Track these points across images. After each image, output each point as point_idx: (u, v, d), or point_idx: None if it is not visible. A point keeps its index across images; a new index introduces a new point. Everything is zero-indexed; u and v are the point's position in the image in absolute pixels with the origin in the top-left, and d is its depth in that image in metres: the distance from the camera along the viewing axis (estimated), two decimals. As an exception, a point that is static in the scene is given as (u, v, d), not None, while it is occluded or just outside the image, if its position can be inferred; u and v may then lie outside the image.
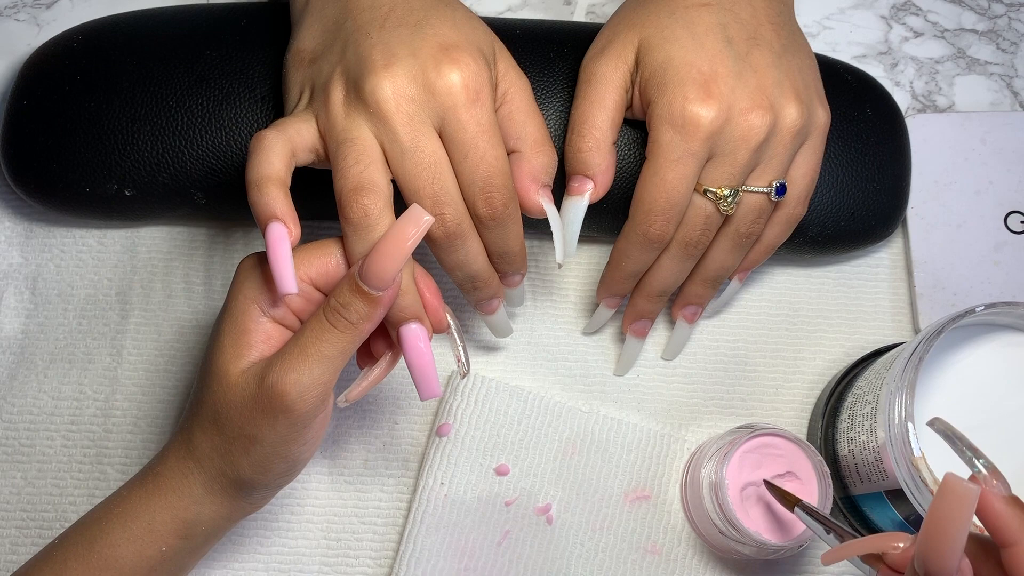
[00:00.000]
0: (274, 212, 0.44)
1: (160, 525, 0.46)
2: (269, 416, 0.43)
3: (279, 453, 0.45)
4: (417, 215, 0.42)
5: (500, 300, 0.54)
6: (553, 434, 0.58)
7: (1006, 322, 0.53)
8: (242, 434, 0.44)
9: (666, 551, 0.57)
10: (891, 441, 0.49)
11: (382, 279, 0.43)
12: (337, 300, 0.43)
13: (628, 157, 0.55)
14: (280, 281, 0.43)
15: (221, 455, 0.45)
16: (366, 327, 0.44)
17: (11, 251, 0.61)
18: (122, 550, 0.46)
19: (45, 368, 0.59)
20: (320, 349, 0.43)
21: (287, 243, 0.43)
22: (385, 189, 0.45)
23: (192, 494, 0.46)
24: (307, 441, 0.45)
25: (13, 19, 0.66)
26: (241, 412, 0.44)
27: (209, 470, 0.46)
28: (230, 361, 0.44)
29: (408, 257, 0.43)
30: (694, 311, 0.58)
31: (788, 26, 0.52)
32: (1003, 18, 0.69)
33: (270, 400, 0.43)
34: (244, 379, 0.44)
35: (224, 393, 0.44)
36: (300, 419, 0.44)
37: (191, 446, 0.46)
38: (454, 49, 0.46)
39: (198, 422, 0.46)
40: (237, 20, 0.58)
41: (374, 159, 0.45)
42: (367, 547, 0.57)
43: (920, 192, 0.63)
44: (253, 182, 0.44)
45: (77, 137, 0.56)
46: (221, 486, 0.46)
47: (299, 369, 0.43)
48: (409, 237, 0.42)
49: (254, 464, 0.45)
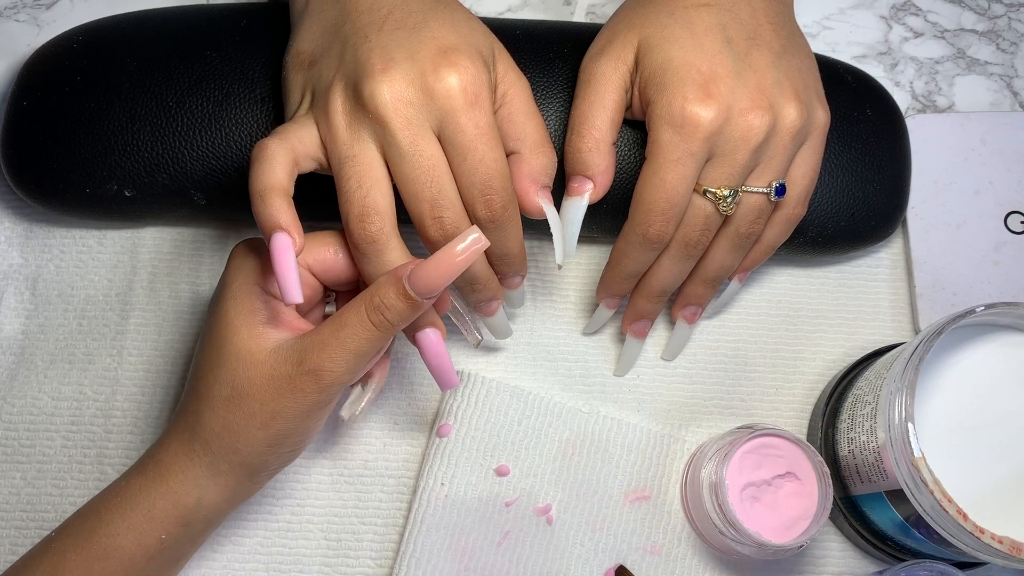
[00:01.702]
0: (278, 223, 0.45)
1: (160, 512, 0.47)
2: (300, 394, 0.46)
3: (297, 428, 0.47)
4: (477, 237, 0.44)
5: (500, 302, 0.54)
6: (553, 434, 0.58)
7: (1006, 322, 0.53)
8: (264, 410, 0.46)
9: (666, 551, 0.57)
10: (891, 441, 0.49)
11: (431, 289, 0.45)
12: (382, 300, 0.45)
13: (628, 157, 0.55)
14: (286, 291, 0.44)
15: (233, 432, 0.46)
16: (399, 328, 0.46)
17: (11, 251, 0.61)
18: (121, 539, 0.46)
19: (45, 368, 0.59)
20: (359, 345, 0.45)
21: (292, 253, 0.45)
22: (388, 210, 0.46)
23: (195, 477, 0.47)
24: (322, 419, 0.48)
25: (13, 19, 0.66)
26: (266, 389, 0.46)
27: (217, 450, 0.47)
28: (249, 341, 0.46)
29: (458, 274, 0.45)
30: (694, 311, 0.58)
31: (788, 26, 0.52)
32: (1003, 18, 0.69)
33: (306, 383, 0.45)
34: (275, 358, 0.46)
35: (247, 371, 0.46)
36: (326, 399, 0.46)
37: (198, 428, 0.47)
38: (452, 52, 0.46)
39: (208, 404, 0.47)
40: (237, 20, 0.58)
41: (376, 178, 0.46)
42: (367, 547, 0.57)
43: (920, 192, 0.63)
44: (257, 193, 0.45)
45: (77, 137, 0.56)
46: (229, 465, 0.47)
47: (336, 359, 0.45)
48: (463, 255, 0.44)
49: (270, 438, 0.46)
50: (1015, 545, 0.47)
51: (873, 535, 0.56)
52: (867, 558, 0.58)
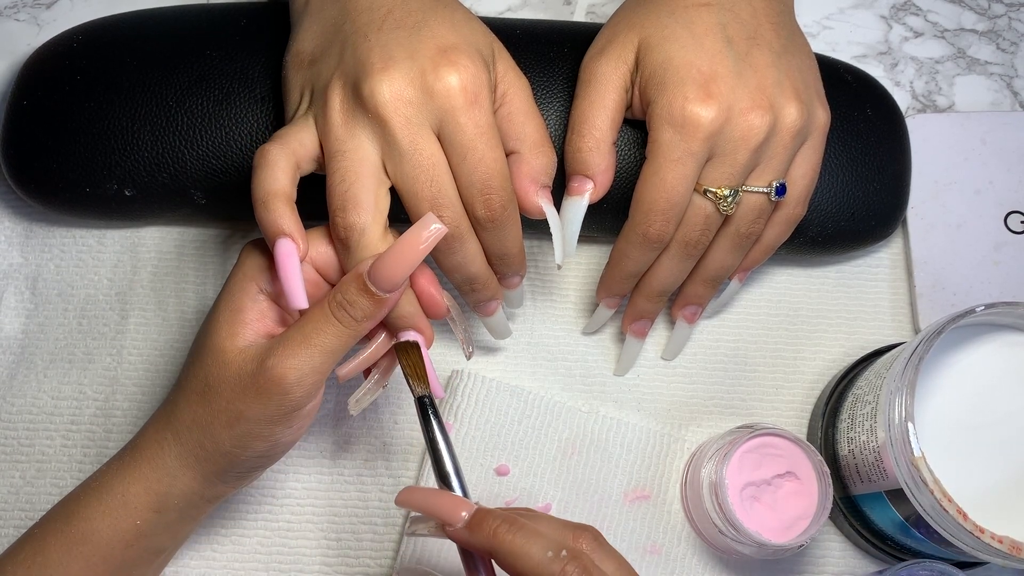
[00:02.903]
0: (282, 228, 0.45)
1: (133, 498, 0.47)
2: (262, 396, 0.44)
3: (262, 433, 0.46)
4: (429, 223, 0.44)
5: (499, 302, 0.54)
6: (553, 434, 0.58)
7: (1006, 322, 0.53)
8: (229, 408, 0.45)
9: (666, 551, 0.57)
10: (891, 441, 0.49)
11: (391, 282, 0.44)
12: (344, 296, 0.45)
13: (628, 157, 0.55)
14: (290, 296, 0.44)
15: (201, 427, 0.46)
16: (367, 325, 0.45)
17: (11, 251, 0.61)
18: (97, 523, 0.46)
19: (45, 368, 0.59)
20: (322, 341, 0.44)
21: (296, 258, 0.45)
22: (371, 205, 0.46)
23: (165, 466, 0.47)
24: (292, 426, 0.46)
25: (13, 19, 0.66)
26: (233, 388, 0.45)
27: (186, 442, 0.46)
28: (226, 338, 0.46)
29: (418, 263, 0.44)
30: (694, 311, 0.57)
31: (788, 26, 0.52)
32: (1003, 18, 0.69)
33: (267, 382, 0.44)
34: (242, 357, 0.45)
35: (218, 368, 0.45)
36: (292, 404, 0.45)
37: (172, 418, 0.47)
38: (452, 51, 0.46)
39: (184, 395, 0.47)
40: (237, 20, 0.58)
41: (361, 174, 0.46)
42: (367, 547, 0.57)
43: (920, 192, 0.63)
44: (260, 199, 0.45)
45: (77, 137, 0.56)
46: (196, 459, 0.47)
47: (299, 356, 0.44)
48: (421, 243, 0.44)
49: (235, 438, 0.46)
50: (1015, 545, 0.47)
51: (873, 535, 0.56)
52: (867, 558, 0.58)
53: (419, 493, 0.44)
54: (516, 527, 0.40)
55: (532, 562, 0.39)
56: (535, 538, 0.40)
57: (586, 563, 0.40)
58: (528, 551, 0.40)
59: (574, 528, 0.42)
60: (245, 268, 0.47)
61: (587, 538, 0.41)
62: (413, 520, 0.44)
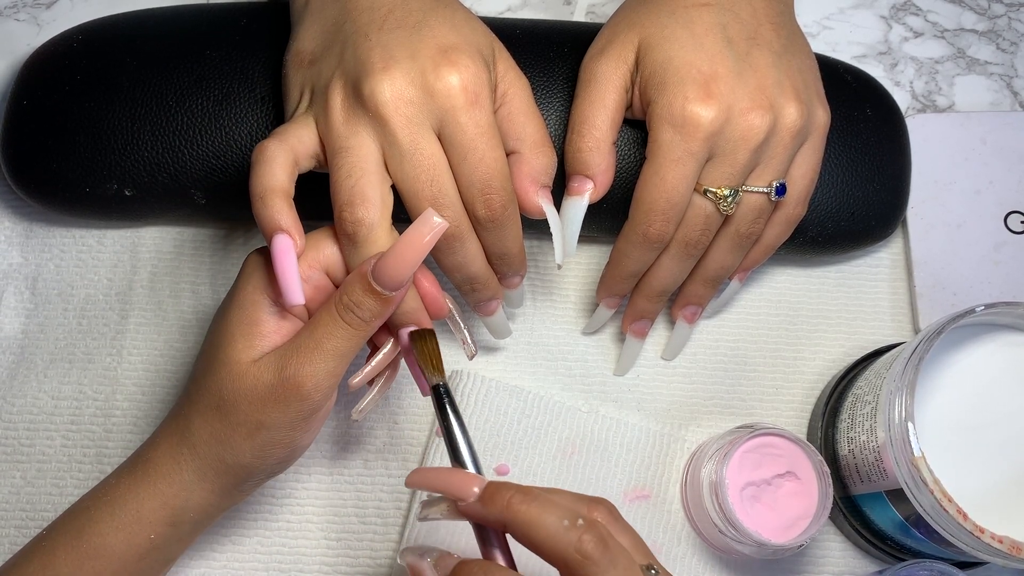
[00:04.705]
0: (279, 224, 0.45)
1: (149, 513, 0.47)
2: (281, 404, 0.45)
3: (283, 439, 0.46)
4: (430, 219, 0.44)
5: (499, 301, 0.54)
6: (553, 434, 0.58)
7: (1006, 322, 0.53)
8: (248, 420, 0.45)
9: (666, 551, 0.56)
10: (891, 441, 0.49)
11: (395, 280, 0.44)
12: (349, 298, 0.45)
13: (628, 157, 0.55)
14: (287, 293, 0.44)
15: (220, 441, 0.46)
16: (376, 324, 0.46)
17: (11, 251, 0.61)
18: (110, 539, 0.46)
19: (45, 368, 0.59)
20: (334, 345, 0.45)
21: (293, 255, 0.45)
22: (378, 200, 0.46)
23: (183, 480, 0.47)
24: (310, 428, 0.47)
25: (13, 19, 0.66)
26: (251, 400, 0.45)
27: (204, 456, 0.46)
28: (241, 351, 0.45)
29: (421, 260, 0.44)
30: (694, 311, 0.58)
31: (788, 26, 0.52)
32: (1003, 18, 0.69)
33: (286, 390, 0.45)
34: (257, 369, 0.45)
35: (233, 381, 0.45)
36: (311, 407, 0.46)
37: (187, 433, 0.47)
38: (453, 51, 0.46)
39: (198, 410, 0.46)
40: (237, 20, 0.58)
41: (367, 170, 0.46)
42: (367, 547, 0.57)
43: (920, 192, 0.63)
44: (257, 195, 0.45)
45: (77, 137, 0.56)
46: (215, 472, 0.47)
47: (315, 362, 0.45)
48: (423, 240, 0.44)
49: (256, 448, 0.46)
50: (1015, 545, 0.47)
51: (873, 535, 0.56)
52: (867, 558, 0.58)
53: (430, 472, 0.43)
54: (531, 497, 0.40)
55: (548, 531, 0.39)
56: (550, 507, 0.39)
57: (602, 532, 0.39)
58: (544, 520, 0.39)
59: (589, 500, 0.41)
60: (255, 280, 0.46)
61: (602, 510, 0.41)
62: (424, 504, 0.43)
